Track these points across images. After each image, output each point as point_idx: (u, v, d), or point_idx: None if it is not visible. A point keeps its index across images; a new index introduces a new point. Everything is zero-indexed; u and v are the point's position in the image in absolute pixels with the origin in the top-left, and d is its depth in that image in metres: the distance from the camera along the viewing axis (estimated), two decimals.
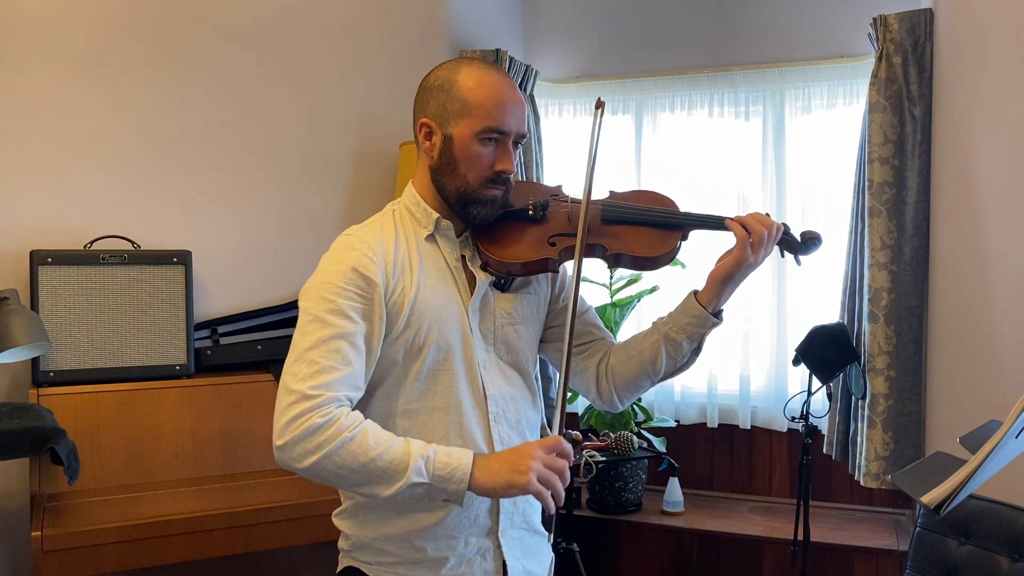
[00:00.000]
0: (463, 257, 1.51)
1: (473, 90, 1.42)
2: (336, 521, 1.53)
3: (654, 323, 1.55)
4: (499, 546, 1.48)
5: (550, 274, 1.59)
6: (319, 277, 1.39)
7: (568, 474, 1.33)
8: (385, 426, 1.44)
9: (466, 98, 1.42)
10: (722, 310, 1.50)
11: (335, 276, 1.38)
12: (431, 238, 1.49)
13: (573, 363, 1.61)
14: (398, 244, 1.45)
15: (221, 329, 2.90)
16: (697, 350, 1.52)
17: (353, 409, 1.44)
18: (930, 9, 2.93)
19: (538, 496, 1.30)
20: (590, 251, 1.48)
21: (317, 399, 1.31)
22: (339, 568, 1.52)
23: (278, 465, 1.34)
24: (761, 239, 1.44)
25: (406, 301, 1.41)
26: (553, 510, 1.32)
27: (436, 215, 1.48)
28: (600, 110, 1.51)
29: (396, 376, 1.44)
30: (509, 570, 1.49)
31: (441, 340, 1.44)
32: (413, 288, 1.42)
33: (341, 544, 1.53)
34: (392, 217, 1.51)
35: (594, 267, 3.34)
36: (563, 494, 1.32)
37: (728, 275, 1.46)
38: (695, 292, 1.50)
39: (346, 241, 1.43)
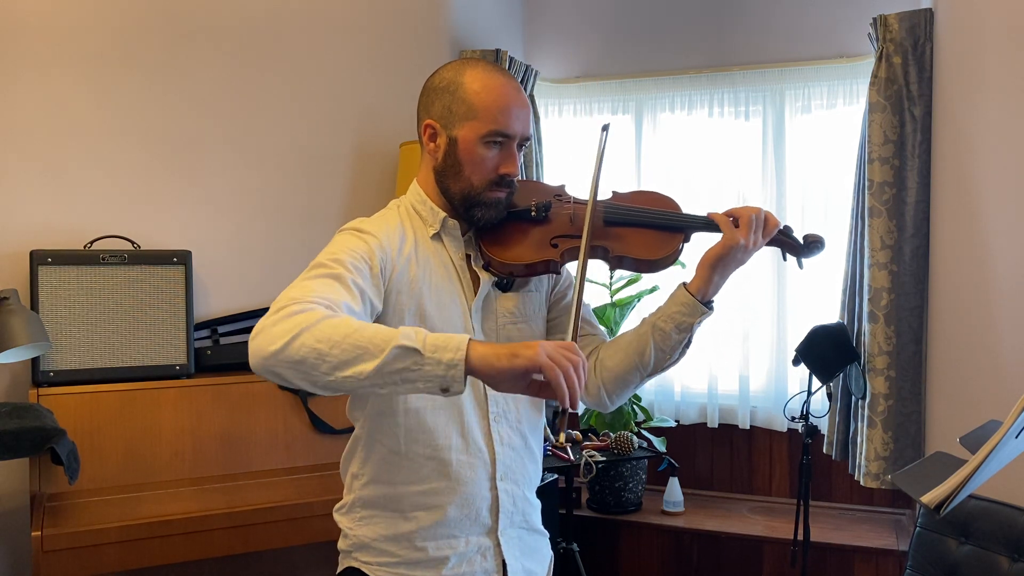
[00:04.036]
0: (468, 256, 1.51)
1: (479, 93, 1.42)
2: (337, 517, 1.54)
3: (643, 318, 1.54)
4: (498, 545, 1.48)
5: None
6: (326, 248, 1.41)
7: (584, 374, 1.15)
8: (384, 424, 1.44)
9: (471, 101, 1.42)
10: (712, 301, 1.47)
11: (340, 240, 1.41)
12: (436, 237, 1.49)
13: None
14: (404, 237, 1.46)
15: (221, 329, 2.90)
16: (687, 343, 1.49)
17: (364, 398, 1.46)
18: (930, 9, 2.93)
19: (548, 372, 1.12)
20: (592, 253, 1.47)
21: (303, 300, 1.24)
22: (340, 569, 1.52)
23: (255, 372, 1.21)
24: (749, 221, 1.42)
25: (410, 292, 1.41)
26: (567, 399, 1.12)
27: (443, 214, 1.49)
28: (605, 132, 1.49)
29: None
30: (508, 569, 1.49)
31: None
32: (417, 284, 1.42)
33: (341, 544, 1.53)
34: (397, 212, 1.51)
35: (594, 267, 3.35)
36: (578, 389, 1.13)
37: (716, 258, 1.43)
38: (684, 283, 1.48)
39: (348, 226, 1.46)
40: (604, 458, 3.11)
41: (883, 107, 2.96)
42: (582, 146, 3.80)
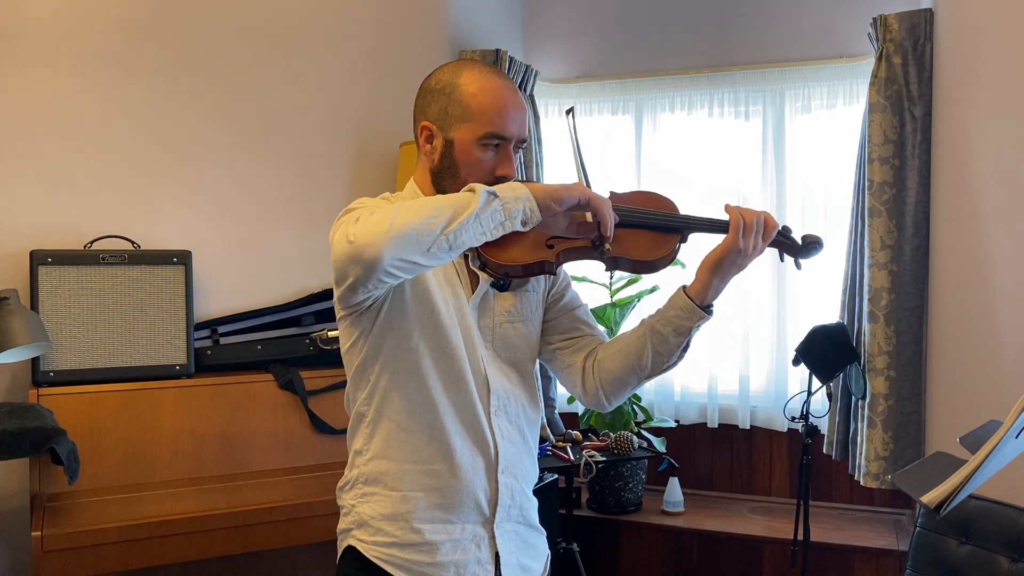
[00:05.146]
0: (465, 256, 1.51)
1: (475, 95, 1.42)
2: (339, 495, 1.54)
3: (642, 320, 1.54)
4: (493, 536, 1.49)
5: None
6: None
7: (613, 216, 1.35)
8: (393, 399, 1.45)
9: (468, 103, 1.42)
10: (712, 305, 1.46)
11: (365, 204, 1.40)
12: None
13: (559, 358, 1.59)
14: None
15: (221, 329, 2.90)
16: (686, 346, 1.48)
17: (367, 379, 1.47)
18: (930, 9, 2.93)
19: (595, 202, 1.32)
20: (588, 253, 1.47)
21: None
22: (340, 551, 1.53)
23: (362, 261, 1.23)
24: (751, 226, 1.41)
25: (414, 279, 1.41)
26: (607, 227, 1.33)
27: None
28: (570, 115, 1.54)
29: (411, 354, 1.44)
30: (502, 561, 1.50)
31: (448, 326, 1.45)
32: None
33: (341, 525, 1.53)
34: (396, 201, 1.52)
35: (593, 267, 3.34)
36: (610, 224, 1.34)
37: (716, 262, 1.42)
38: (684, 287, 1.48)
39: (360, 200, 1.45)
40: (604, 458, 3.11)
41: (883, 107, 2.96)
42: (583, 146, 3.80)
